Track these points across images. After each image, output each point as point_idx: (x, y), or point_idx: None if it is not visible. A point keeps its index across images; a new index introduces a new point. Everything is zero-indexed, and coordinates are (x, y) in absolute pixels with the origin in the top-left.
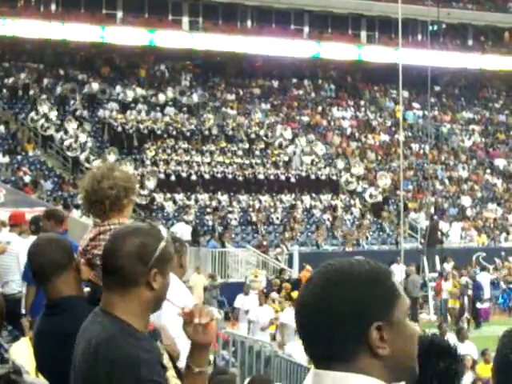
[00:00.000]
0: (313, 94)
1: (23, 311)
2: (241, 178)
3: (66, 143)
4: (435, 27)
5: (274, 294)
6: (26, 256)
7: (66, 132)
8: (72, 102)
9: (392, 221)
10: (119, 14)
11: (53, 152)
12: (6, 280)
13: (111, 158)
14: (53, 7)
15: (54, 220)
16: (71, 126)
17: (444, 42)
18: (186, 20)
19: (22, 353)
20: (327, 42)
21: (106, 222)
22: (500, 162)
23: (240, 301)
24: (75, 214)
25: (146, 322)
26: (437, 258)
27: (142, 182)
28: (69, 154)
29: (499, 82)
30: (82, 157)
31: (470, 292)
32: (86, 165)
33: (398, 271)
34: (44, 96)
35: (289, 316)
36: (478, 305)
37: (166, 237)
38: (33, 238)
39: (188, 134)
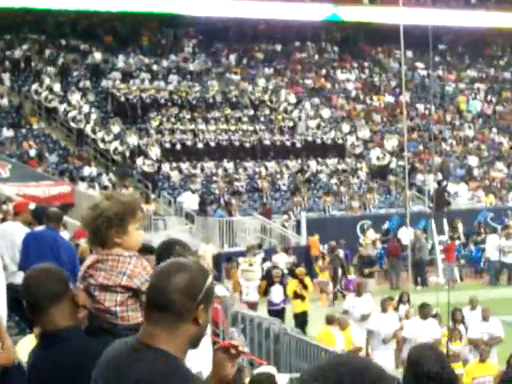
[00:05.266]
0: (316, 57)
1: None
2: (247, 145)
3: (70, 115)
4: None
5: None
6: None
7: (69, 103)
8: (75, 72)
9: (399, 183)
10: None
11: (57, 124)
12: (12, 270)
13: (115, 128)
14: None
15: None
16: (75, 97)
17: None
18: None
19: (28, 352)
20: (329, 3)
21: (104, 251)
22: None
23: (350, 302)
24: (81, 186)
25: (185, 357)
26: (445, 221)
27: (146, 152)
28: (73, 125)
29: (503, 39)
30: (87, 128)
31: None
32: (92, 136)
33: (407, 235)
34: (46, 68)
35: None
36: None
37: (210, 272)
38: (39, 229)
39: (192, 101)
